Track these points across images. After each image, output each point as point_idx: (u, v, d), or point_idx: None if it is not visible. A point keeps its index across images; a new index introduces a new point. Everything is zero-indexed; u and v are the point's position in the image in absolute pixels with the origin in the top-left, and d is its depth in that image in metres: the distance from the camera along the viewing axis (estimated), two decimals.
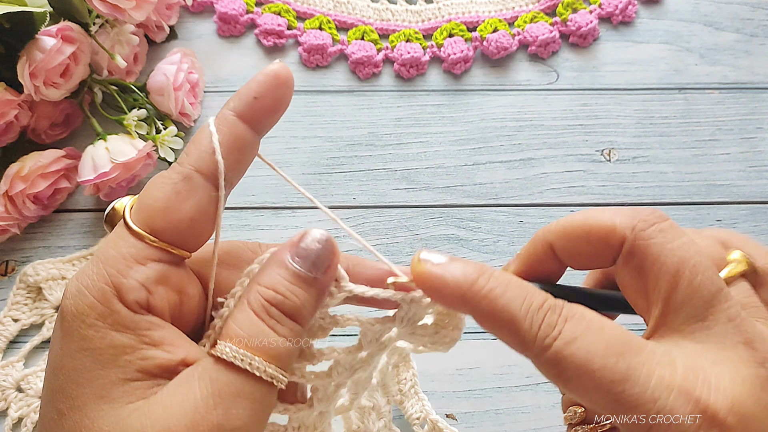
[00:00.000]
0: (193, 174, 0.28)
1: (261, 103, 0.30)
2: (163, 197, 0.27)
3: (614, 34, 0.68)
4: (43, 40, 0.53)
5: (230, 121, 0.29)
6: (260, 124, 0.30)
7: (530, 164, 0.62)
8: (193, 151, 0.28)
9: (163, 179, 0.28)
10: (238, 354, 0.26)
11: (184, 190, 0.27)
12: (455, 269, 0.28)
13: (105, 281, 0.26)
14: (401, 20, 0.68)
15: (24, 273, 0.54)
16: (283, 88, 0.30)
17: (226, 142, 0.29)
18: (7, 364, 0.53)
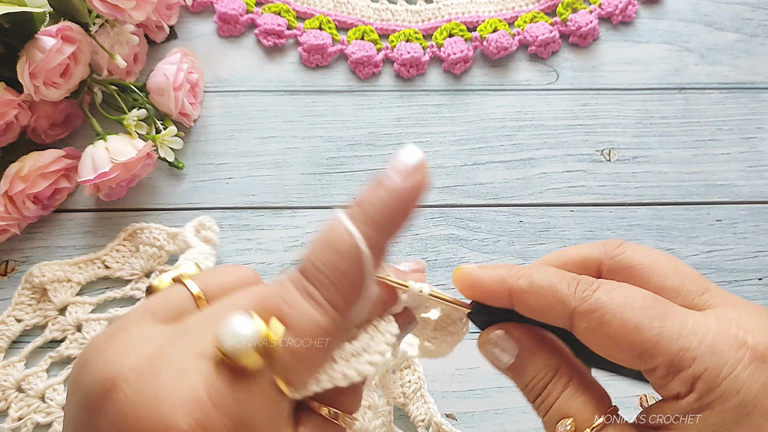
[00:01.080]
0: (349, 328, 0.27)
1: (405, 225, 0.26)
2: (318, 358, 0.25)
3: (614, 34, 0.68)
4: (43, 40, 0.53)
5: (383, 253, 0.26)
6: None
7: (530, 164, 0.62)
8: (348, 294, 0.25)
9: (321, 331, 0.24)
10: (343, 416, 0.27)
11: (336, 345, 0.26)
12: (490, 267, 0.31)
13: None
14: (401, 20, 0.68)
15: (30, 273, 0.54)
16: (422, 195, 0.26)
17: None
18: (9, 364, 0.53)
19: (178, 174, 0.61)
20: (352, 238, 0.24)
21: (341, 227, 0.24)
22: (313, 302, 0.24)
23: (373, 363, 0.27)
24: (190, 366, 0.24)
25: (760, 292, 0.57)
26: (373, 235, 0.24)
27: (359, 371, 0.27)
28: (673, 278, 0.30)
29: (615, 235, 0.59)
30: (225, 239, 0.58)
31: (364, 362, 0.27)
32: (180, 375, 0.23)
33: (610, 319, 0.27)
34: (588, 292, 0.28)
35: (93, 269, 0.56)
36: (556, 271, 0.30)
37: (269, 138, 0.62)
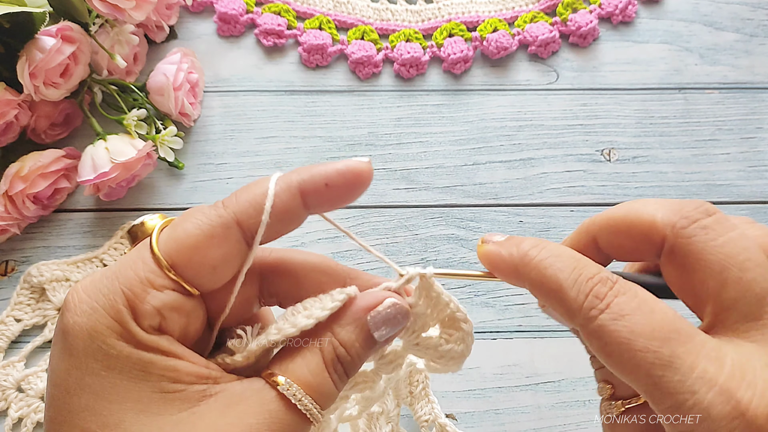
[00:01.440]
0: (232, 224, 0.27)
1: (329, 192, 0.28)
2: (196, 235, 0.27)
3: (614, 34, 0.68)
4: (42, 40, 0.53)
5: (291, 191, 0.28)
6: (317, 207, 0.29)
7: (530, 164, 0.62)
8: (243, 200, 0.28)
9: (202, 216, 0.27)
10: (304, 398, 0.27)
11: (219, 236, 0.27)
12: (511, 244, 0.30)
13: (122, 302, 0.26)
14: (401, 20, 0.68)
15: (28, 273, 0.54)
16: (358, 188, 0.29)
17: (278, 209, 0.28)
18: (8, 364, 0.53)
19: (178, 174, 0.61)
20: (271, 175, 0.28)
21: None
22: (212, 205, 0.28)
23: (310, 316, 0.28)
24: None
25: None
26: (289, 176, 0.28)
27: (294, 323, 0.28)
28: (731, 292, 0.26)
29: None
30: None
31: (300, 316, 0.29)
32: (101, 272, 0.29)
33: (611, 351, 0.26)
34: (595, 312, 0.26)
35: (91, 268, 0.56)
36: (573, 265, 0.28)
37: (269, 138, 0.62)
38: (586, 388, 0.53)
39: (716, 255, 0.26)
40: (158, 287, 0.27)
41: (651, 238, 0.28)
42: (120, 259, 0.28)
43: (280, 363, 0.28)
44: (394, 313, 0.30)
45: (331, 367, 0.28)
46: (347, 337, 0.29)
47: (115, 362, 0.26)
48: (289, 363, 0.28)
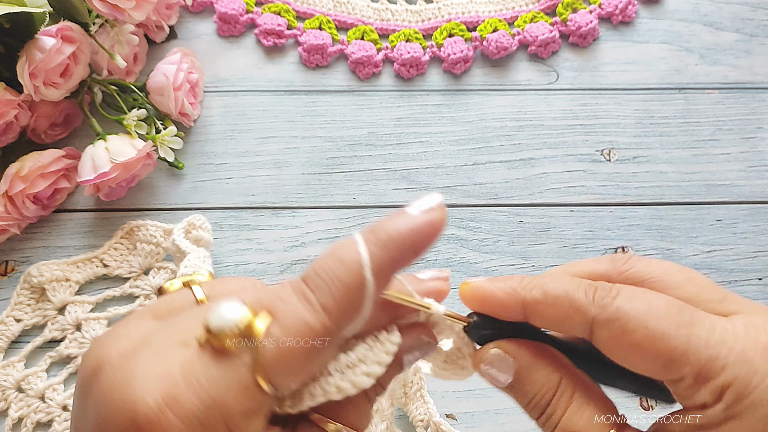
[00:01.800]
0: (337, 335, 0.25)
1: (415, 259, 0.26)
2: (304, 356, 0.24)
3: (614, 34, 0.68)
4: (42, 40, 0.53)
5: (386, 279, 0.26)
6: None
7: (530, 164, 0.62)
8: (343, 302, 0.24)
9: (308, 330, 0.24)
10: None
11: (323, 351, 0.25)
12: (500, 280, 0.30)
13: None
14: (401, 20, 0.68)
15: (28, 273, 0.54)
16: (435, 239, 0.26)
17: (378, 304, 0.25)
18: (8, 364, 0.53)
19: (178, 174, 0.61)
20: (357, 252, 0.24)
21: (351, 242, 0.25)
22: (305, 302, 0.24)
23: (369, 374, 0.26)
24: (172, 349, 0.24)
25: (761, 292, 0.57)
26: (380, 255, 0.25)
27: (354, 383, 0.26)
28: (688, 289, 0.29)
29: (615, 235, 0.59)
30: (225, 239, 0.58)
31: (359, 373, 0.26)
32: (160, 356, 0.24)
33: (634, 328, 0.26)
34: (608, 300, 0.27)
35: (91, 268, 0.56)
36: (571, 278, 0.29)
37: (269, 138, 0.62)
38: None
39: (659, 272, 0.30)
40: (259, 412, 0.24)
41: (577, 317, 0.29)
42: (210, 373, 0.23)
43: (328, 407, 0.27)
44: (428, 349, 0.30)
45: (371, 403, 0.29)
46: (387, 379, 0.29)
47: None
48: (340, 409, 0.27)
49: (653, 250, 0.58)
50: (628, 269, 0.30)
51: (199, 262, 0.50)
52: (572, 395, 0.29)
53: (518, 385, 0.30)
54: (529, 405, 0.30)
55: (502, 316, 0.30)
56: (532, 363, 0.30)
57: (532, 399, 0.29)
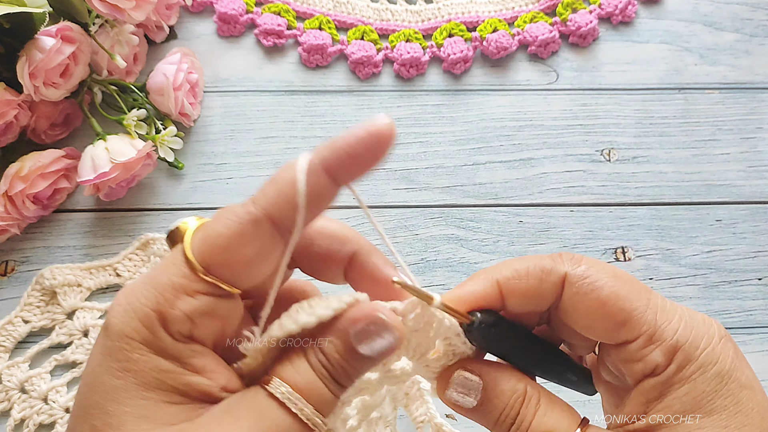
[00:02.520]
0: (263, 219, 0.27)
1: (355, 162, 0.27)
2: (227, 235, 0.27)
3: (614, 34, 0.68)
4: (42, 40, 0.53)
5: (317, 174, 0.27)
6: (346, 180, 0.28)
7: (530, 164, 0.62)
8: (271, 194, 0.27)
9: (232, 215, 0.27)
10: (293, 397, 0.27)
11: (250, 233, 0.27)
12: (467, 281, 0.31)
13: (152, 306, 0.26)
14: (401, 20, 0.68)
15: (41, 275, 0.54)
16: (383, 150, 0.28)
17: (309, 195, 0.27)
18: (13, 365, 0.53)
19: (178, 174, 0.61)
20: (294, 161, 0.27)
21: None
22: (241, 203, 0.27)
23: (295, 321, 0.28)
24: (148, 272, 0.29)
25: (760, 292, 0.57)
26: (312, 157, 0.27)
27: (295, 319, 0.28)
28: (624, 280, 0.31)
29: (615, 235, 0.59)
30: None
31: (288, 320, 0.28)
32: None
33: (602, 285, 0.29)
34: (576, 260, 0.30)
35: (104, 276, 0.56)
36: (531, 256, 0.31)
37: (269, 138, 0.62)
38: None
39: None
40: (191, 292, 0.26)
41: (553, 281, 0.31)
42: (158, 263, 0.28)
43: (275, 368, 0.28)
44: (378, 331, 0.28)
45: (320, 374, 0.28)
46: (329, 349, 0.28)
47: (131, 365, 0.26)
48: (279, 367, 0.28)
49: (653, 250, 0.58)
50: None
51: None
52: (539, 400, 0.30)
53: (486, 401, 0.30)
54: (499, 420, 0.30)
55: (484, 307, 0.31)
56: (498, 376, 0.31)
57: (501, 412, 0.30)
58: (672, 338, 0.28)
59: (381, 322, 0.28)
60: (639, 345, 0.29)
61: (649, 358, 0.28)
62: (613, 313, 0.29)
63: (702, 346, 0.28)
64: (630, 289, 0.29)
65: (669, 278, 0.57)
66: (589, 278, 0.29)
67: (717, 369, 0.28)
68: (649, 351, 0.28)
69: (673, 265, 0.57)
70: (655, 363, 0.28)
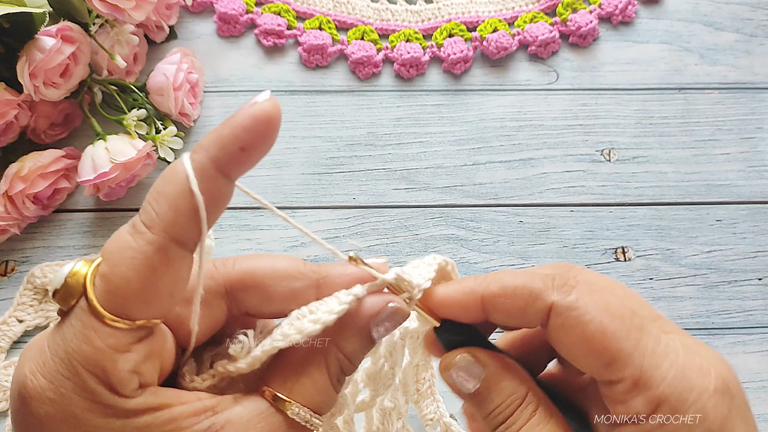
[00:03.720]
0: (168, 244, 0.24)
1: (247, 154, 0.25)
2: (137, 277, 0.24)
3: (614, 34, 0.68)
4: (42, 40, 0.53)
5: (211, 177, 0.25)
6: (240, 174, 0.26)
7: (530, 164, 0.62)
8: (165, 212, 0.24)
9: (132, 251, 0.24)
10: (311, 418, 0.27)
11: (161, 265, 0.24)
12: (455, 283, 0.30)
13: (93, 381, 0.24)
14: (401, 20, 0.68)
15: (31, 274, 0.54)
16: (273, 133, 0.25)
17: (208, 202, 0.25)
18: (10, 364, 0.53)
19: None
20: (179, 163, 0.24)
21: (177, 159, 0.25)
22: (130, 228, 0.25)
23: (316, 321, 0.27)
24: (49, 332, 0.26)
25: (760, 292, 0.57)
26: (200, 159, 0.24)
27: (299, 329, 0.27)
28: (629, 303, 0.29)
29: (615, 235, 0.59)
30: (225, 239, 0.58)
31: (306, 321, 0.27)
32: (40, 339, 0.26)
33: (589, 320, 0.27)
34: (567, 288, 0.28)
35: None
36: (525, 272, 0.29)
37: None
38: None
39: None
40: (123, 348, 0.24)
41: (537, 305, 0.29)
42: (62, 332, 0.24)
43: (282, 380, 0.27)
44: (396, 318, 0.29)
45: (335, 380, 0.28)
46: (352, 349, 0.28)
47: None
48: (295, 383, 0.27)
49: (653, 250, 0.58)
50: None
51: None
52: (536, 409, 0.29)
53: (484, 393, 0.29)
54: (490, 415, 0.29)
55: (462, 318, 0.30)
56: (501, 372, 0.30)
57: (495, 409, 0.29)
58: (658, 387, 0.26)
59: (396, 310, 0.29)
60: (622, 389, 0.27)
61: (631, 404, 0.26)
62: (598, 351, 0.27)
63: (691, 401, 0.26)
64: (620, 327, 0.27)
65: (669, 278, 0.57)
66: (576, 311, 0.27)
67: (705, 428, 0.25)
68: (631, 397, 0.26)
69: (673, 265, 0.57)
70: (637, 411, 0.26)
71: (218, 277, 0.29)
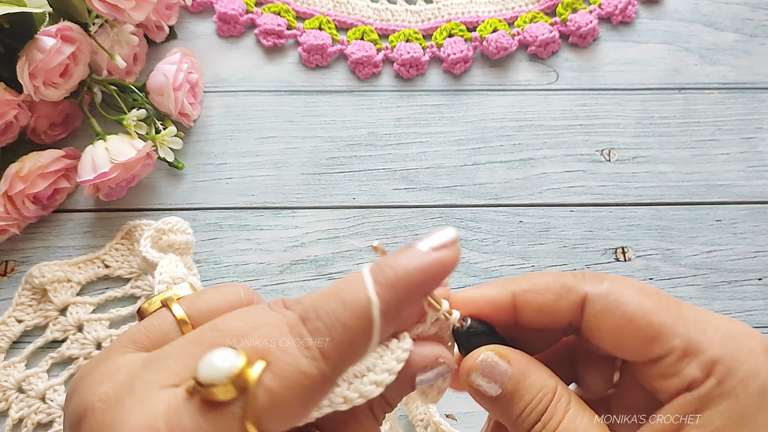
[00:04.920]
0: (333, 378, 0.24)
1: (424, 298, 0.26)
2: (300, 407, 0.23)
3: (614, 34, 0.68)
4: (42, 40, 0.53)
5: (390, 322, 0.24)
6: None
7: (530, 164, 0.62)
8: (343, 346, 0.23)
9: (307, 381, 0.22)
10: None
11: (319, 397, 0.24)
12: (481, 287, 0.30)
13: None
14: (401, 20, 0.68)
15: (30, 274, 0.54)
16: (448, 274, 0.25)
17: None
18: (9, 365, 0.53)
19: (177, 174, 0.61)
20: (364, 294, 0.23)
21: (356, 281, 0.23)
22: (303, 348, 0.23)
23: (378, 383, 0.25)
24: (156, 395, 0.23)
25: (760, 292, 0.57)
26: (387, 297, 0.23)
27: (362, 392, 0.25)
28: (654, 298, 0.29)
29: (615, 235, 0.59)
30: (225, 239, 0.58)
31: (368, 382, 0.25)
32: (144, 403, 0.22)
33: (627, 301, 0.27)
34: (599, 279, 0.28)
35: (93, 269, 0.56)
36: (553, 272, 0.30)
37: (269, 138, 0.62)
38: None
39: None
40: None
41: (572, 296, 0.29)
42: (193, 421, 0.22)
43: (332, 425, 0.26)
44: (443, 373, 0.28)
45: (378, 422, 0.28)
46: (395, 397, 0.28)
47: None
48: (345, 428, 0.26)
49: (653, 250, 0.58)
50: None
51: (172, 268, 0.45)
52: (569, 401, 0.28)
53: (512, 392, 0.28)
54: (522, 415, 0.28)
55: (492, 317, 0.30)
56: (528, 367, 0.28)
57: (527, 406, 0.28)
58: (709, 350, 0.26)
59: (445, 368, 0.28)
60: (673, 359, 0.26)
61: (685, 372, 0.26)
62: (642, 328, 0.27)
63: (743, 359, 0.26)
64: (658, 302, 0.27)
65: (669, 278, 0.57)
66: (612, 295, 0.28)
67: (760, 383, 0.25)
68: (684, 365, 0.26)
69: (673, 265, 0.57)
70: (692, 377, 0.26)
71: None
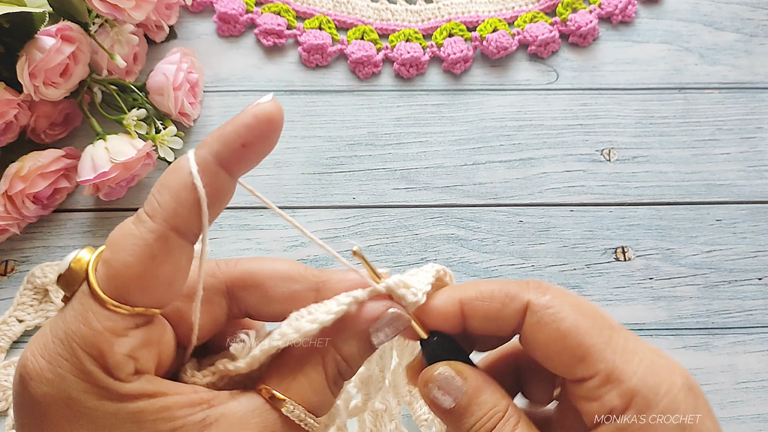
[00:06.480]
0: (169, 234, 0.25)
1: (249, 151, 0.26)
2: (137, 263, 0.25)
3: (614, 33, 0.68)
4: (42, 40, 0.53)
5: (214, 172, 0.26)
6: (243, 171, 0.27)
7: (530, 164, 0.62)
8: (167, 203, 0.25)
9: (134, 238, 0.25)
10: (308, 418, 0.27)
11: (161, 253, 0.25)
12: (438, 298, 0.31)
13: (90, 362, 0.24)
14: (401, 20, 0.68)
15: (32, 274, 0.54)
16: (275, 132, 0.26)
17: (210, 196, 0.26)
18: (10, 364, 0.53)
19: None
20: (183, 158, 0.26)
21: (182, 156, 0.26)
22: (134, 219, 0.26)
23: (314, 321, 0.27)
24: (51, 318, 0.27)
25: (760, 292, 0.57)
26: (202, 153, 0.26)
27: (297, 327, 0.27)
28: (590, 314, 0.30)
29: (615, 235, 0.59)
30: (225, 239, 0.58)
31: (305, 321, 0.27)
32: (44, 326, 0.27)
33: (564, 317, 0.28)
34: (542, 289, 0.29)
35: None
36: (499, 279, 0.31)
37: None
38: None
39: None
40: (120, 332, 0.25)
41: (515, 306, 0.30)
42: (64, 315, 0.26)
43: (279, 379, 0.28)
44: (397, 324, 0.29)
45: (332, 382, 0.28)
46: (350, 351, 0.28)
47: (103, 423, 0.25)
48: (291, 381, 0.27)
49: (653, 250, 0.58)
50: None
51: None
52: (518, 422, 0.29)
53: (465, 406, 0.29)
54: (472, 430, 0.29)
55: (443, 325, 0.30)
56: (482, 385, 0.30)
57: (477, 422, 0.29)
58: (630, 381, 0.26)
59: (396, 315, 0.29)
60: (595, 383, 0.27)
61: (605, 398, 0.27)
62: (572, 347, 0.27)
63: (662, 394, 0.26)
64: (592, 325, 0.28)
65: (669, 278, 0.57)
66: (552, 309, 0.28)
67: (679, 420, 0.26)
68: (605, 391, 0.27)
69: (673, 265, 0.57)
70: (612, 405, 0.27)
71: (220, 275, 0.30)
